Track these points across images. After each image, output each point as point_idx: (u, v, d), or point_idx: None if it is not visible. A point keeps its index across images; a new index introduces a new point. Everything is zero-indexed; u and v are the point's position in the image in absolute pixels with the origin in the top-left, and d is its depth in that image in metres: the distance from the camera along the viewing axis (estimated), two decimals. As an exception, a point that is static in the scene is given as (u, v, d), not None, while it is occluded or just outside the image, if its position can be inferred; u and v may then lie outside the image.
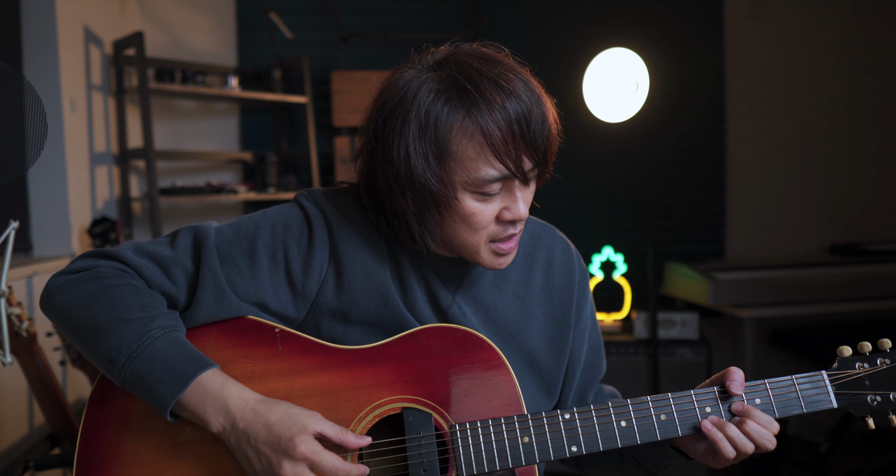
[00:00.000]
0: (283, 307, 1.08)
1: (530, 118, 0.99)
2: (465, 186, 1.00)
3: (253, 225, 1.09)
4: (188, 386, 0.96)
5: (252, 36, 3.55)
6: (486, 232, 1.03)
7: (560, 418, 1.03)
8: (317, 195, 1.12)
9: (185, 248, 1.07)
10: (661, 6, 3.68)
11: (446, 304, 1.12)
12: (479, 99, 0.97)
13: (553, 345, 1.18)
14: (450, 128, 0.98)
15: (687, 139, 3.76)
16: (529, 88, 1.01)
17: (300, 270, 1.07)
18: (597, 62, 2.78)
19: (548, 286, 1.19)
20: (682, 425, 1.03)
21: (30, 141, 1.18)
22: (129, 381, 0.98)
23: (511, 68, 1.02)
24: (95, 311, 1.00)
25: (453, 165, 0.99)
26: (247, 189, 3.38)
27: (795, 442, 3.56)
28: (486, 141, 0.97)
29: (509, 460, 1.01)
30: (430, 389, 1.04)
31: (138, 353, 0.97)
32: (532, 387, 1.17)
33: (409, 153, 0.99)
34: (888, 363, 1.07)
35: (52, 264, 2.55)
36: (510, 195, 1.02)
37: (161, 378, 0.96)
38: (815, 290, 3.15)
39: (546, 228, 1.24)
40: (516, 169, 0.99)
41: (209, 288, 1.04)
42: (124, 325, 0.98)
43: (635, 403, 1.04)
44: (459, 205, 1.01)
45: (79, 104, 2.81)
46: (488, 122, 0.97)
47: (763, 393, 1.05)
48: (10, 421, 2.23)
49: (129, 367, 0.97)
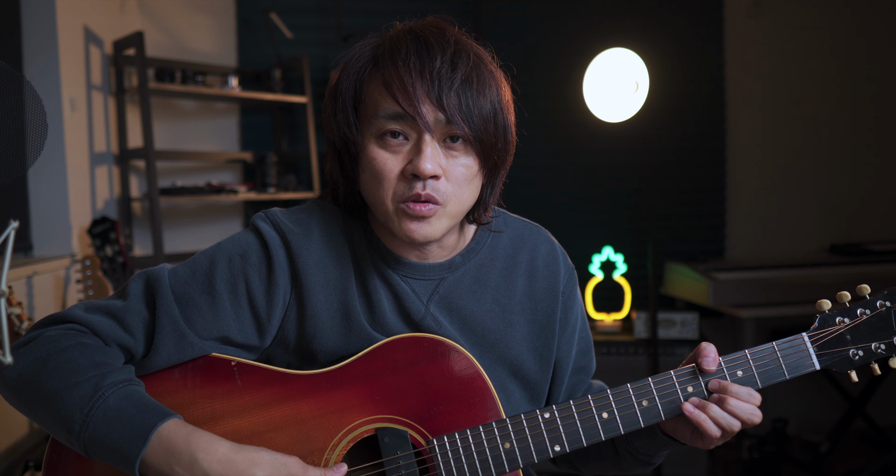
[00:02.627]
0: (248, 338, 1.04)
1: (437, 65, 0.97)
2: (369, 129, 1.01)
3: (208, 260, 1.04)
4: (149, 440, 0.88)
5: (252, 36, 3.55)
6: (391, 187, 1.00)
7: (540, 418, 1.00)
8: (274, 216, 1.08)
9: (138, 294, 1.01)
10: (661, 6, 3.68)
11: (419, 316, 1.08)
12: (390, 46, 1.01)
13: (537, 352, 1.14)
14: (365, 76, 1.02)
15: (687, 139, 3.76)
16: (453, 44, 1.00)
17: (263, 300, 1.04)
18: (597, 62, 2.78)
19: (531, 291, 1.14)
20: (665, 409, 1.01)
21: (30, 141, 1.18)
22: (90, 448, 0.90)
23: (441, 27, 1.02)
24: (45, 380, 0.92)
25: (361, 109, 1.02)
26: (247, 189, 3.38)
27: (795, 442, 3.56)
28: (383, 79, 0.99)
29: (492, 469, 0.98)
30: (402, 406, 0.99)
31: (91, 414, 0.89)
32: (517, 395, 1.13)
33: (336, 108, 1.03)
34: (868, 313, 1.05)
35: (52, 264, 2.55)
36: (416, 148, 0.98)
37: (120, 436, 0.89)
38: (815, 290, 3.14)
39: (529, 228, 1.19)
40: (412, 110, 0.96)
41: (168, 333, 0.98)
42: (74, 389, 0.91)
43: (616, 393, 1.01)
44: (365, 151, 1.02)
45: (79, 104, 2.81)
46: (386, 62, 0.99)
47: (744, 364, 1.02)
48: (10, 421, 2.23)
49: (85, 431, 0.89)
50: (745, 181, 3.83)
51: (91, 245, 2.73)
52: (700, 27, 3.74)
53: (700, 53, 3.74)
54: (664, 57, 3.24)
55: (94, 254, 2.66)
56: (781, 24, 3.79)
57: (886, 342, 1.04)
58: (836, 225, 3.86)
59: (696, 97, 3.74)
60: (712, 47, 3.75)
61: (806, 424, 3.67)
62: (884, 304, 1.06)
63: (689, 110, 3.73)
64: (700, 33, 3.74)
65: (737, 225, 3.84)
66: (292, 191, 3.45)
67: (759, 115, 3.82)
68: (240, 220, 3.60)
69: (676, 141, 3.72)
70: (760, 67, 3.80)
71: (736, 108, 3.80)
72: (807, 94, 3.82)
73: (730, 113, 3.80)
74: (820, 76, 3.82)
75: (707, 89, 3.76)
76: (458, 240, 1.12)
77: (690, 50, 3.71)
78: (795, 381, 1.04)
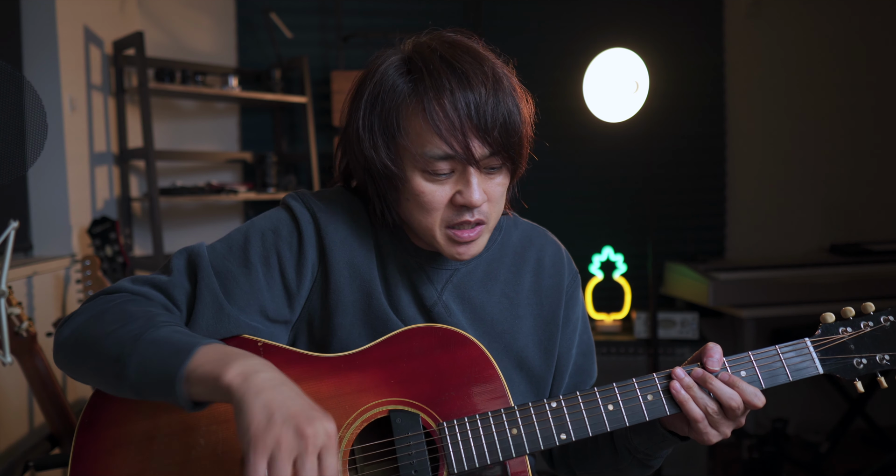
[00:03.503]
0: (279, 310, 1.09)
1: (481, 102, 0.99)
2: (415, 164, 1.02)
3: (242, 236, 1.10)
4: (193, 353, 0.88)
5: (252, 36, 3.55)
6: (438, 215, 1.04)
7: (547, 407, 1.03)
8: (305, 195, 1.14)
9: (181, 270, 1.07)
10: (661, 6, 3.68)
11: (430, 302, 1.13)
12: (428, 77, 1.00)
13: (541, 345, 1.19)
14: (398, 103, 1.02)
15: (687, 139, 3.76)
16: (491, 75, 1.01)
17: (294, 273, 1.09)
18: (597, 62, 2.78)
19: (537, 287, 1.19)
20: (668, 403, 1.04)
21: (30, 141, 1.18)
22: (135, 370, 0.91)
23: (475, 55, 1.03)
24: (101, 326, 0.97)
25: (402, 141, 1.02)
26: (247, 189, 3.38)
27: (795, 442, 3.56)
28: (429, 119, 0.99)
29: (499, 454, 1.02)
30: (416, 390, 1.05)
31: (141, 338, 0.92)
32: (521, 387, 1.17)
33: (360, 126, 1.04)
34: (871, 326, 1.06)
35: (52, 264, 2.55)
36: (464, 180, 1.02)
37: (167, 354, 0.90)
38: (815, 290, 3.15)
39: (537, 230, 1.25)
40: (463, 151, 0.99)
41: (207, 304, 1.04)
42: (126, 326, 0.95)
43: (621, 386, 1.04)
44: (409, 183, 1.04)
45: (79, 104, 2.81)
46: (432, 101, 0.99)
47: (748, 365, 1.05)
48: (10, 421, 2.23)
49: (133, 353, 0.91)
50: (745, 181, 3.83)
51: (91, 245, 2.73)
52: (700, 27, 3.75)
53: (700, 53, 3.74)
54: (664, 57, 3.24)
55: (94, 254, 2.66)
56: (781, 24, 3.79)
57: (891, 354, 1.06)
58: (836, 225, 3.86)
59: (696, 97, 3.74)
60: (712, 47, 3.76)
61: (806, 424, 3.67)
62: (888, 318, 1.07)
63: (689, 110, 3.73)
64: (700, 33, 3.75)
65: (737, 225, 3.84)
66: (292, 191, 3.45)
67: (759, 115, 3.82)
68: (240, 220, 3.60)
69: (676, 141, 3.72)
70: (760, 67, 3.80)
71: (736, 108, 3.80)
72: (807, 94, 3.82)
73: (730, 113, 3.80)
74: (820, 76, 3.82)
75: (707, 89, 3.76)
76: None
77: (690, 50, 3.71)
78: (795, 381, 1.06)
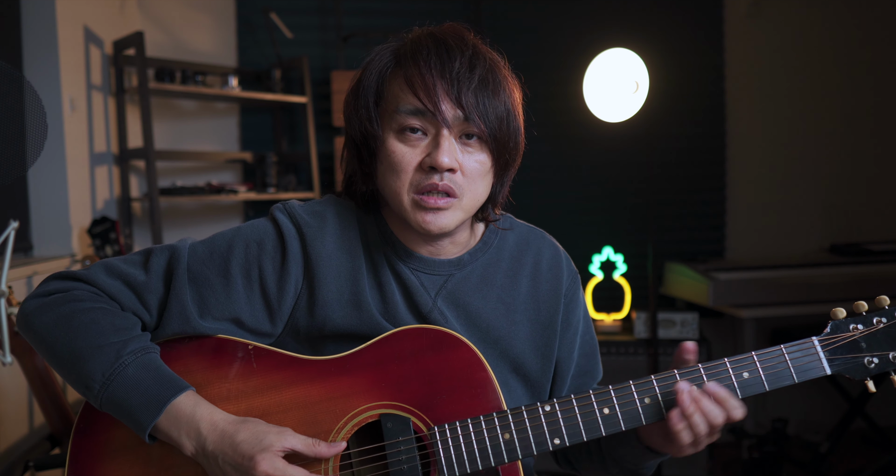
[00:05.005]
0: (259, 324, 1.09)
1: (456, 65, 1.03)
2: (391, 125, 1.06)
3: (227, 242, 1.10)
4: (163, 411, 0.98)
5: (252, 36, 3.55)
6: (408, 178, 1.05)
7: (541, 411, 1.00)
8: (292, 208, 1.13)
9: (159, 272, 1.08)
10: (661, 6, 3.68)
11: (426, 309, 1.12)
12: (411, 46, 1.07)
13: (538, 351, 1.17)
14: (383, 71, 1.08)
15: (687, 139, 3.76)
16: (471, 47, 1.06)
17: (275, 287, 1.08)
18: (597, 62, 2.78)
19: (534, 292, 1.18)
20: (667, 407, 0.98)
21: (30, 141, 1.18)
22: (106, 407, 1.00)
23: (461, 32, 1.08)
24: (71, 336, 1.01)
25: (383, 107, 1.08)
26: (247, 189, 3.38)
27: (795, 442, 3.55)
28: (404, 77, 1.04)
29: (491, 459, 0.99)
30: (407, 393, 1.03)
31: (111, 379, 0.98)
32: (518, 393, 1.16)
33: (357, 104, 1.09)
34: (885, 322, 0.99)
35: (52, 264, 2.55)
36: (435, 142, 1.04)
37: (137, 403, 0.98)
38: (815, 290, 3.15)
39: (535, 232, 1.23)
40: (433, 107, 1.02)
41: (174, 316, 1.05)
42: (98, 352, 0.99)
43: (617, 389, 1.00)
44: (384, 144, 1.07)
45: (79, 104, 2.81)
46: (409, 62, 1.05)
47: (751, 365, 1.00)
48: (10, 421, 2.23)
49: (104, 393, 0.99)
50: (745, 181, 3.82)
51: (91, 245, 2.73)
52: (700, 27, 3.75)
53: (700, 53, 3.74)
54: (664, 57, 3.24)
55: (94, 254, 2.66)
56: (781, 24, 3.79)
57: None
58: (837, 225, 3.86)
59: (696, 97, 3.74)
60: (712, 47, 3.75)
61: (806, 424, 3.67)
62: None
63: (689, 110, 3.73)
64: (700, 33, 3.74)
65: (737, 225, 3.84)
66: (292, 191, 3.45)
67: (759, 115, 3.82)
68: (240, 220, 3.60)
69: (676, 141, 3.72)
70: (760, 67, 3.80)
71: (736, 108, 3.80)
72: (807, 94, 3.82)
73: (730, 113, 3.80)
74: (820, 76, 3.82)
75: (707, 89, 3.76)
76: (468, 237, 1.16)
77: (690, 50, 3.71)
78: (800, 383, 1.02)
